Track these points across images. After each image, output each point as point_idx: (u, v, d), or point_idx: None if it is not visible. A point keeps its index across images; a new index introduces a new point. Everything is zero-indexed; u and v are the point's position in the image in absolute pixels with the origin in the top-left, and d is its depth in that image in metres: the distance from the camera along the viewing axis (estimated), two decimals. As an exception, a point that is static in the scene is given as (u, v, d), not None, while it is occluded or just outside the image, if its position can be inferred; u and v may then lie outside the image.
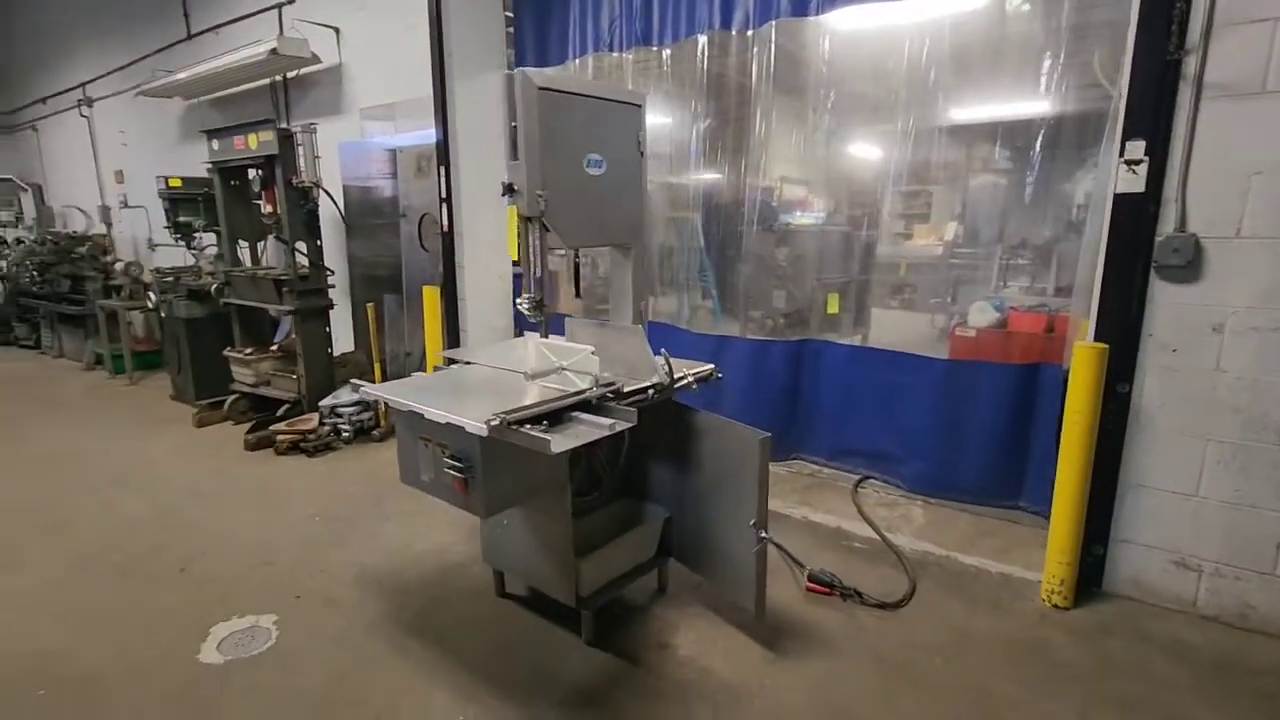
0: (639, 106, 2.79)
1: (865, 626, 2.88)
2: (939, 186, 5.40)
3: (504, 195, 2.48)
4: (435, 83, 5.03)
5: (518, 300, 2.64)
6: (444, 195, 5.18)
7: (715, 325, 4.99)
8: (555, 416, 2.25)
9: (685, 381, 2.57)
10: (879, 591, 3.08)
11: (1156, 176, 2.73)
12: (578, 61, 5.03)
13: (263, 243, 5.94)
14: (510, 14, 5.36)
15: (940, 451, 4.00)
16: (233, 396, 5.65)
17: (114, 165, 9.22)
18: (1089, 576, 3.08)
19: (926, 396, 4.03)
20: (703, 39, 4.46)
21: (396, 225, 5.72)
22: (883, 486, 4.26)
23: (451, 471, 2.28)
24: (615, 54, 4.86)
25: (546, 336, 2.67)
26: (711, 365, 2.86)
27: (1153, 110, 2.70)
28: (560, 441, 2.02)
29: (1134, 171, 2.75)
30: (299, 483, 4.46)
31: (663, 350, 2.53)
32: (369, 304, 5.25)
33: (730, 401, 4.75)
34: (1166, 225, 2.75)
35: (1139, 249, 2.79)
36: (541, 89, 2.40)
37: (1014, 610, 3.00)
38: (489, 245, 5.39)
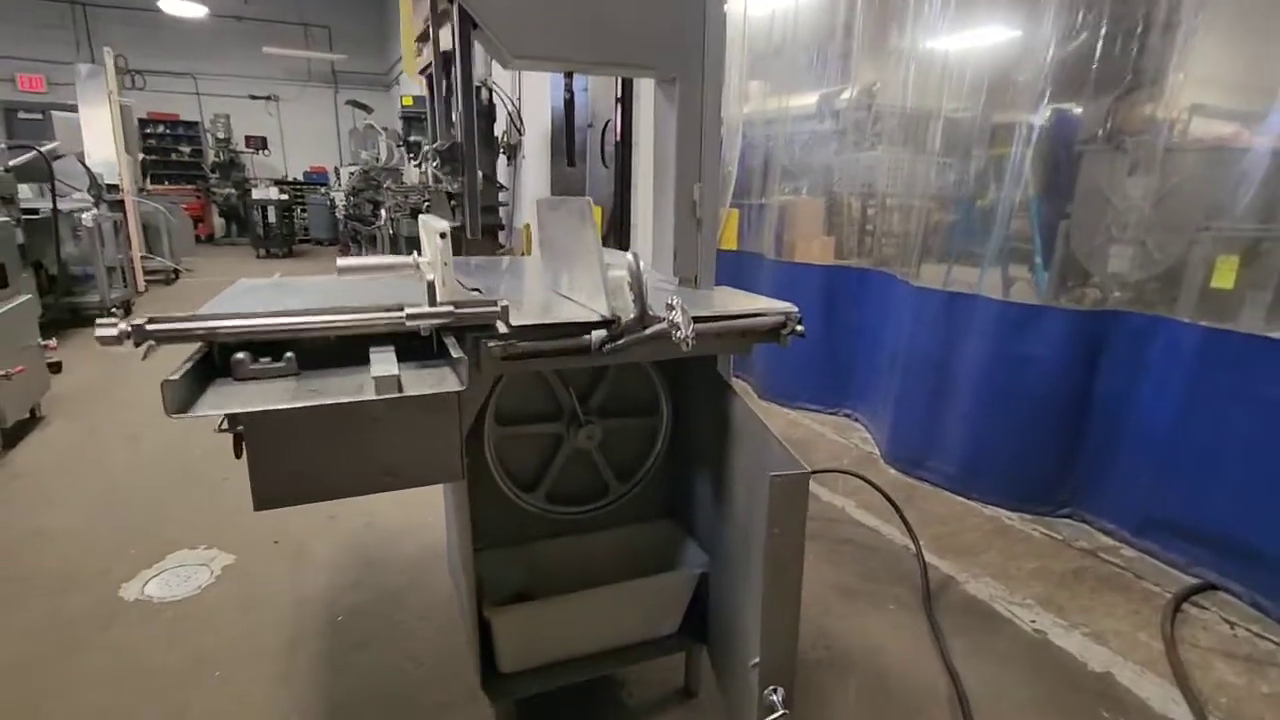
0: None
1: None
2: None
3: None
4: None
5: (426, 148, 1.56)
6: (619, 95, 4.21)
7: (1040, 297, 3.00)
8: (361, 348, 1.15)
9: (660, 326, 1.19)
10: None
11: None
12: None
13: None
14: None
15: None
16: (423, 315, 5.62)
17: (432, 107, 10.34)
18: None
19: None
20: None
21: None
22: (1240, 612, 2.15)
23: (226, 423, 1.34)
24: None
25: (476, 224, 1.53)
26: (789, 307, 1.40)
27: None
28: (212, 402, 0.92)
29: None
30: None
31: (633, 252, 1.20)
32: (525, 226, 4.62)
33: (958, 404, 2.97)
34: None
35: None
36: None
37: None
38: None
